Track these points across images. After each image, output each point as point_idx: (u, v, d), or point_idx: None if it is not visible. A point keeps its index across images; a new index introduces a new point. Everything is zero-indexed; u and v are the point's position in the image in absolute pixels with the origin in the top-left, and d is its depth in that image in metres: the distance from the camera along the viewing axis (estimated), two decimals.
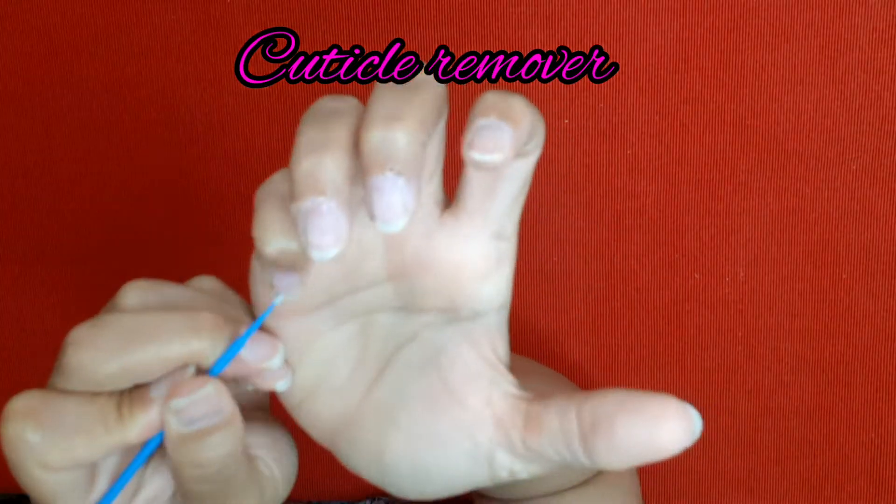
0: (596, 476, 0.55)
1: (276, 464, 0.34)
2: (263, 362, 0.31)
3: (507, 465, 0.31)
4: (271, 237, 0.29)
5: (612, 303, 0.62)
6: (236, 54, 0.62)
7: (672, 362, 0.62)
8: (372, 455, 0.32)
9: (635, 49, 0.60)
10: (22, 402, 0.30)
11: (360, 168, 0.28)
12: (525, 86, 0.61)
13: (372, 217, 0.27)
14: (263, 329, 0.32)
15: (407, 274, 0.32)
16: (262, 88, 0.62)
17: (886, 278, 0.61)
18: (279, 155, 0.61)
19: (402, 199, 0.27)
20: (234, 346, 0.30)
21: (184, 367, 0.30)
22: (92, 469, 0.31)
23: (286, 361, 0.32)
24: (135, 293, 0.32)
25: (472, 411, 0.31)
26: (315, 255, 0.27)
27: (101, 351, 0.29)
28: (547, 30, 0.61)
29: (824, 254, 0.61)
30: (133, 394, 0.30)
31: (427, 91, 0.29)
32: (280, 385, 0.32)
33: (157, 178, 0.63)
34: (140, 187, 0.63)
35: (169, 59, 0.62)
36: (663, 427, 0.28)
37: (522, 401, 0.31)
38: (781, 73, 0.60)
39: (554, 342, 0.63)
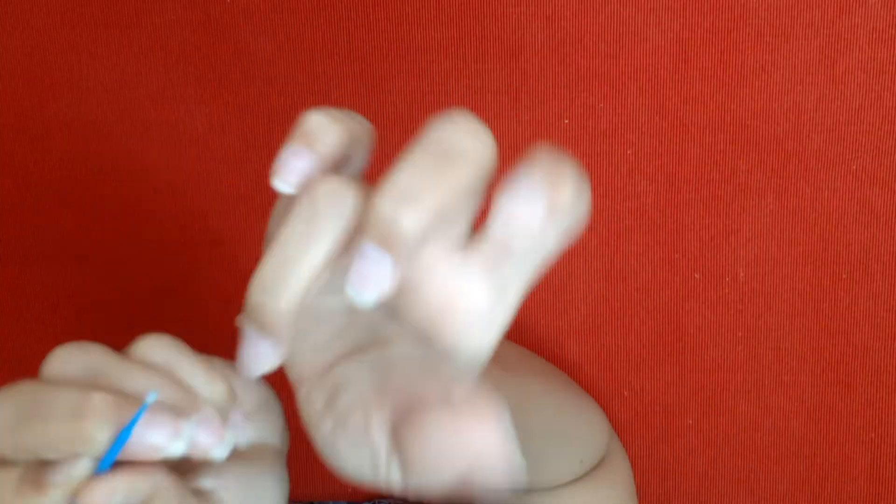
0: (590, 472, 0.55)
1: (268, 429, 0.34)
2: (161, 450, 0.29)
3: (399, 480, 0.32)
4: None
5: (612, 303, 0.62)
6: (236, 54, 0.62)
7: (672, 362, 0.62)
8: (326, 448, 0.33)
9: (635, 49, 0.60)
10: None
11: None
12: (525, 86, 0.61)
13: (347, 279, 0.27)
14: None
15: (398, 286, 0.31)
16: (263, 88, 0.62)
17: (886, 278, 0.61)
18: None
19: (380, 276, 0.27)
20: (117, 442, 0.29)
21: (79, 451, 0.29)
22: None
23: (220, 424, 0.31)
24: (57, 361, 0.31)
25: (384, 429, 0.32)
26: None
27: (2, 420, 0.29)
28: (547, 30, 0.61)
29: (824, 254, 0.61)
30: (34, 473, 0.30)
31: (464, 166, 0.27)
32: (216, 452, 0.31)
33: (158, 177, 0.63)
34: (140, 187, 0.63)
35: (169, 59, 0.62)
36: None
37: None
38: (781, 73, 0.60)
39: (554, 342, 0.63)
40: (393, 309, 0.31)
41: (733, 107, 0.60)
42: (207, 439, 0.30)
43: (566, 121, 0.61)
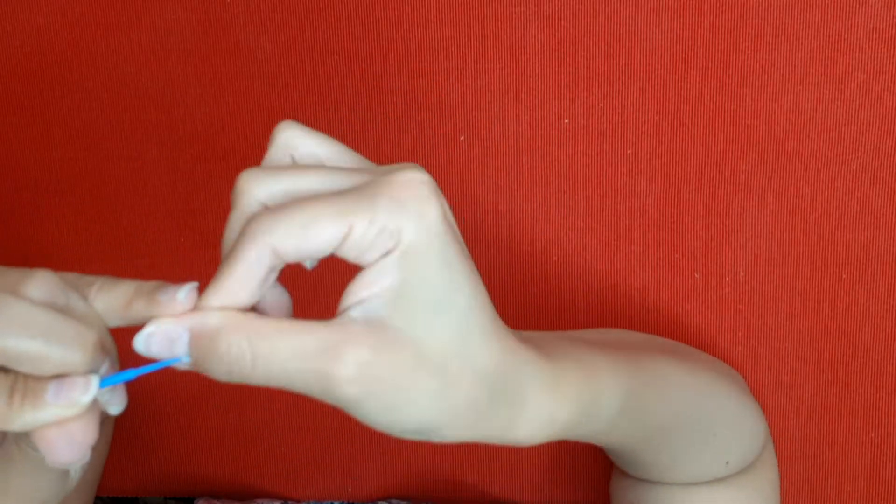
0: (738, 477, 0.54)
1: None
2: (71, 407, 0.32)
3: None
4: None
5: (612, 303, 0.62)
6: (236, 54, 0.62)
7: None
8: None
9: (635, 49, 0.60)
10: None
11: None
12: (525, 86, 0.61)
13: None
14: None
15: None
16: (263, 88, 0.62)
17: (886, 278, 0.61)
18: None
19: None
20: (123, 374, 0.32)
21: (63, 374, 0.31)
22: None
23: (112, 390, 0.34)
24: (42, 285, 0.33)
25: None
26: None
27: None
28: (547, 30, 0.61)
29: (824, 254, 0.61)
30: (29, 384, 0.31)
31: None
32: (112, 410, 0.34)
33: (157, 178, 0.63)
34: (140, 187, 0.63)
35: (169, 59, 0.62)
36: None
37: None
38: (781, 73, 0.60)
39: None
40: None
41: (733, 107, 0.60)
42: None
43: (566, 121, 0.61)
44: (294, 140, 0.34)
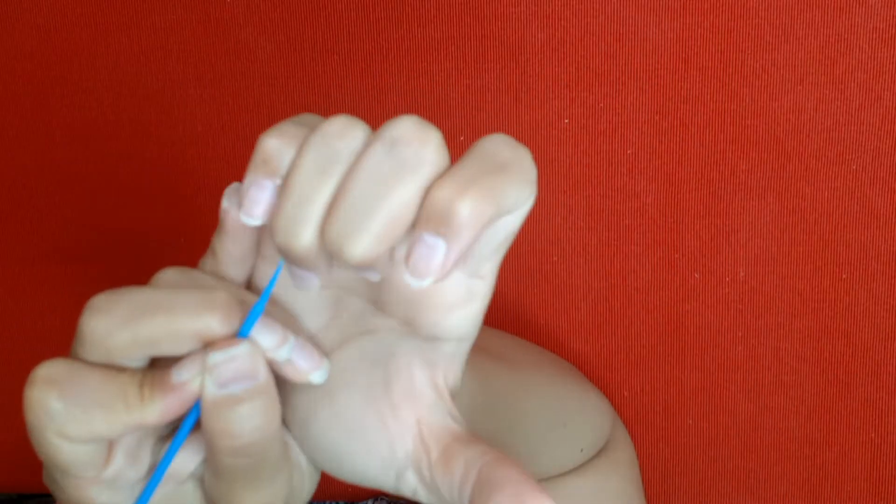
0: (591, 461, 0.55)
1: (305, 458, 0.35)
2: (269, 351, 0.31)
3: (413, 486, 0.32)
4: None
5: (612, 303, 0.62)
6: (236, 54, 0.62)
7: (672, 362, 0.62)
8: (301, 417, 0.33)
9: (635, 49, 0.60)
10: (48, 370, 0.30)
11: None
12: (525, 86, 0.61)
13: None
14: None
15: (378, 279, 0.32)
16: (263, 88, 0.62)
17: (886, 278, 0.61)
18: None
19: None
20: (254, 310, 0.30)
21: (200, 348, 0.30)
22: (109, 444, 0.31)
23: (318, 352, 0.32)
24: (168, 275, 0.33)
25: (401, 423, 0.32)
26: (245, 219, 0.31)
27: (113, 318, 0.29)
28: (547, 30, 0.61)
29: (824, 254, 0.61)
30: (156, 376, 0.30)
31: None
32: (315, 376, 0.32)
33: (158, 178, 0.63)
34: (140, 188, 0.63)
35: (169, 59, 0.62)
36: None
37: (450, 434, 0.32)
38: (781, 73, 0.60)
39: (554, 342, 0.63)
40: (376, 301, 0.32)
41: (733, 107, 0.60)
42: (306, 363, 0.31)
43: (566, 121, 0.61)
44: None
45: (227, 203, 0.33)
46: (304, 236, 0.30)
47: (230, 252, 0.34)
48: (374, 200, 0.28)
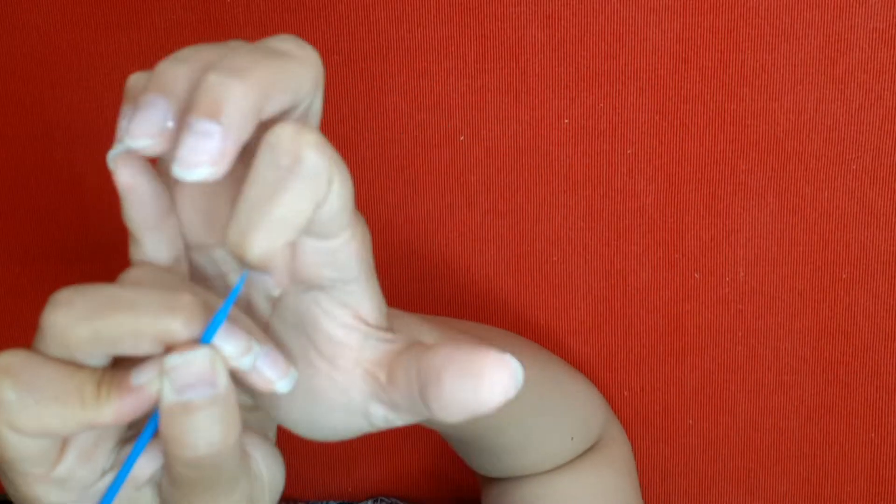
0: (589, 455, 0.55)
1: (266, 470, 0.34)
2: (231, 360, 0.30)
3: (382, 415, 0.32)
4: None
5: (612, 303, 0.62)
6: None
7: (672, 362, 0.62)
8: (268, 398, 0.34)
9: (635, 49, 0.60)
10: (4, 360, 0.29)
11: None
12: (525, 86, 0.61)
13: (174, 158, 0.27)
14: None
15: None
16: None
17: (886, 278, 0.61)
18: None
19: (210, 149, 0.27)
20: (217, 317, 0.29)
21: (159, 350, 0.29)
22: (62, 442, 0.30)
23: (285, 360, 0.31)
24: (136, 272, 0.32)
25: (343, 371, 0.32)
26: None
27: (74, 313, 0.29)
28: (547, 30, 0.61)
29: (824, 254, 0.61)
30: (115, 376, 0.29)
31: (294, 64, 0.29)
32: (281, 385, 0.31)
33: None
34: None
35: None
36: (485, 381, 0.29)
37: (390, 354, 0.32)
38: (781, 73, 0.60)
39: (553, 342, 0.63)
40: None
41: (733, 107, 0.60)
42: (272, 371, 0.30)
43: (566, 121, 0.61)
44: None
45: (112, 161, 0.31)
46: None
47: (136, 221, 0.33)
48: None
